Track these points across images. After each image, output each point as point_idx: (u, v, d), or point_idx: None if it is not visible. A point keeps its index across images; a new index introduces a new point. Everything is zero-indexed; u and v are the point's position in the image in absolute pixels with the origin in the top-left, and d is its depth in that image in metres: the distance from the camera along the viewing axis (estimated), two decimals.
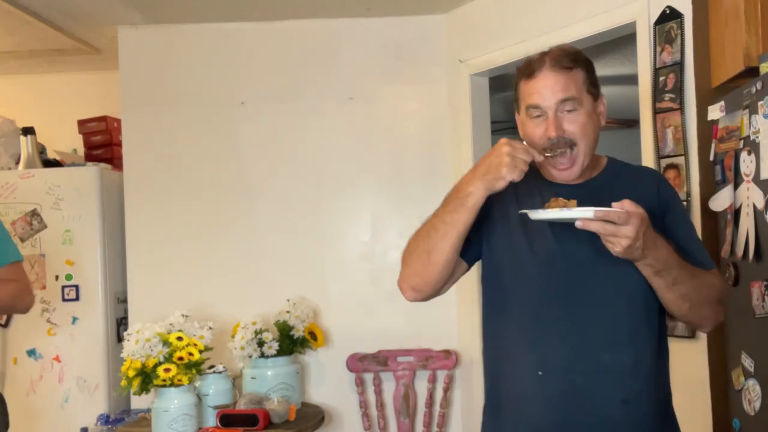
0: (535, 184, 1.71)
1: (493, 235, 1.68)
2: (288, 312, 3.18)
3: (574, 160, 1.61)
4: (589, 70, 1.63)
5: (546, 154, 1.59)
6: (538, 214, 1.48)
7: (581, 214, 1.43)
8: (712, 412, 2.37)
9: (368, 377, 3.47)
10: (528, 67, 1.63)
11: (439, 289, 1.69)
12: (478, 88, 3.49)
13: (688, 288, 1.56)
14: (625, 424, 1.57)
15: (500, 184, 1.51)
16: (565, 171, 1.61)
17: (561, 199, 1.50)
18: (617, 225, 1.41)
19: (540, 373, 1.59)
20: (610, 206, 1.60)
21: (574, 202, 1.48)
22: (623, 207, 1.42)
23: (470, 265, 1.73)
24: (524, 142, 1.62)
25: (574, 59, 1.61)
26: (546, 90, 1.58)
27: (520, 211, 1.56)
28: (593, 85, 1.63)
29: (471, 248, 1.67)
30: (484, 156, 1.56)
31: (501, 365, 1.69)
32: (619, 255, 1.46)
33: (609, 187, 1.67)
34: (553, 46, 1.64)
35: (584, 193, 1.66)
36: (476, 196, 1.54)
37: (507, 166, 1.49)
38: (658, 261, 1.50)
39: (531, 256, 1.61)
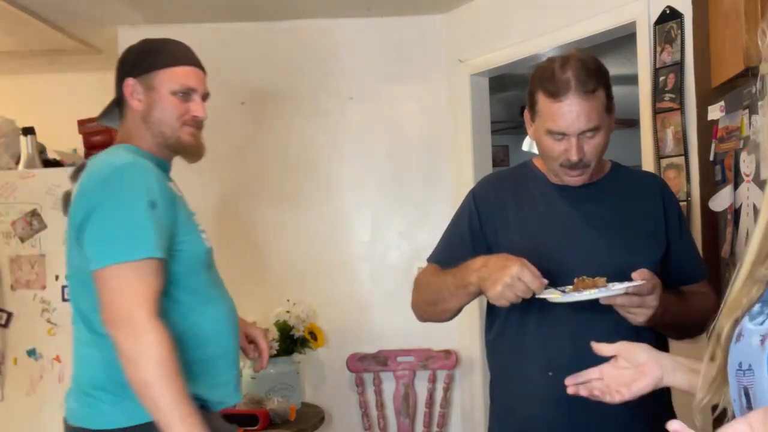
0: (537, 188, 1.72)
1: (496, 243, 1.69)
2: (288, 312, 3.18)
3: (584, 170, 1.64)
4: (608, 84, 1.63)
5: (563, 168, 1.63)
6: (569, 298, 1.45)
7: (612, 293, 1.43)
8: (711, 411, 2.36)
9: (368, 377, 3.47)
10: (551, 83, 1.58)
11: (450, 320, 1.80)
12: (478, 88, 3.49)
13: (690, 324, 1.67)
14: (633, 418, 1.59)
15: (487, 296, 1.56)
16: (576, 177, 1.65)
17: (587, 279, 1.48)
18: (643, 297, 1.45)
19: (550, 373, 1.61)
20: (616, 210, 1.62)
21: (603, 279, 1.47)
22: (644, 276, 1.46)
23: None
24: (535, 154, 1.64)
25: (597, 78, 1.59)
26: (571, 116, 1.57)
27: (551, 300, 1.50)
28: (610, 99, 1.64)
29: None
30: (499, 259, 1.54)
31: (509, 366, 1.70)
32: (641, 324, 1.51)
33: (613, 189, 1.71)
34: (571, 55, 1.61)
35: (590, 194, 1.68)
36: (473, 289, 1.60)
37: (495, 293, 1.50)
38: (669, 318, 1.56)
39: (536, 257, 1.62)
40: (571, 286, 1.50)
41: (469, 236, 1.72)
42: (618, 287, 1.43)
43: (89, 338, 1.71)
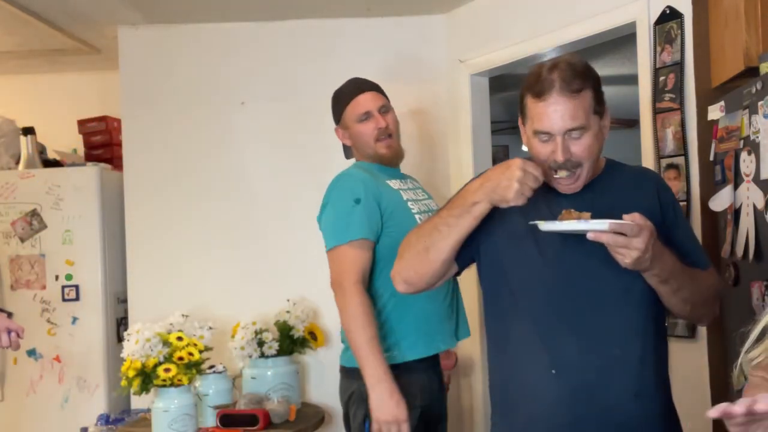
0: (540, 191, 1.72)
1: (493, 239, 1.69)
2: (288, 312, 3.18)
3: (577, 177, 1.63)
4: (596, 87, 1.63)
5: (554, 176, 1.63)
6: (550, 226, 1.50)
7: (596, 226, 1.45)
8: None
9: None
10: (537, 84, 1.59)
11: (431, 285, 1.76)
12: (478, 88, 3.49)
13: (691, 292, 1.63)
14: (638, 417, 1.60)
15: (504, 206, 1.57)
16: (569, 186, 1.65)
17: (574, 211, 1.51)
18: (628, 237, 1.45)
19: (553, 371, 1.61)
20: (614, 209, 1.61)
21: (588, 214, 1.50)
22: (634, 220, 1.46)
23: (461, 269, 1.78)
24: (530, 157, 1.64)
25: (583, 79, 1.59)
26: (555, 115, 1.57)
27: (531, 222, 1.56)
28: (599, 103, 1.63)
29: (464, 252, 1.70)
30: (496, 169, 1.59)
31: (511, 365, 1.69)
32: (628, 266, 1.50)
33: (609, 188, 1.70)
34: (561, 59, 1.62)
35: (587, 192, 1.68)
36: (481, 208, 1.59)
37: (514, 193, 1.54)
38: (664, 271, 1.55)
39: (538, 256, 1.62)
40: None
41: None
42: (601, 222, 1.45)
43: None
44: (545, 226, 1.51)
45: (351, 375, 2.28)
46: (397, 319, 2.28)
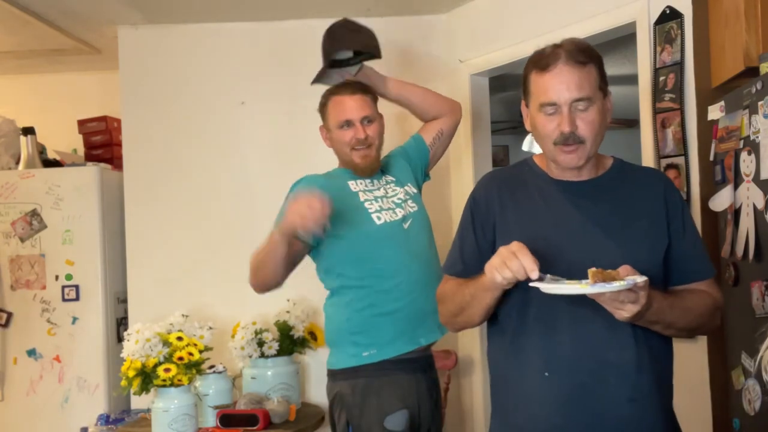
0: (536, 185, 1.71)
1: (496, 242, 1.68)
2: (288, 312, 3.18)
3: (579, 147, 1.61)
4: (601, 66, 1.63)
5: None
6: (597, 289, 1.43)
7: (616, 288, 1.41)
8: (712, 412, 2.37)
9: None
10: (541, 60, 1.60)
11: (483, 322, 1.77)
12: (478, 88, 3.49)
13: (685, 322, 1.62)
14: (632, 422, 1.59)
15: (500, 285, 1.54)
16: (571, 154, 1.61)
17: (604, 270, 1.46)
18: (637, 293, 1.44)
19: (546, 374, 1.60)
20: (616, 208, 1.61)
21: (618, 272, 1.46)
22: (628, 273, 1.45)
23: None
24: (530, 135, 1.63)
25: (589, 54, 1.60)
26: (561, 86, 1.57)
27: (532, 284, 1.50)
28: (604, 81, 1.64)
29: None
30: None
31: (506, 368, 1.69)
32: (626, 320, 1.49)
33: (614, 187, 1.69)
34: (564, 40, 1.62)
35: (590, 191, 1.67)
36: (485, 282, 1.56)
37: (491, 265, 1.52)
38: (653, 315, 1.53)
39: (534, 254, 1.62)
40: (573, 279, 1.49)
41: (476, 242, 1.71)
42: (628, 281, 1.42)
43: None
44: (594, 288, 1.43)
45: (335, 377, 2.34)
46: (375, 317, 2.27)
